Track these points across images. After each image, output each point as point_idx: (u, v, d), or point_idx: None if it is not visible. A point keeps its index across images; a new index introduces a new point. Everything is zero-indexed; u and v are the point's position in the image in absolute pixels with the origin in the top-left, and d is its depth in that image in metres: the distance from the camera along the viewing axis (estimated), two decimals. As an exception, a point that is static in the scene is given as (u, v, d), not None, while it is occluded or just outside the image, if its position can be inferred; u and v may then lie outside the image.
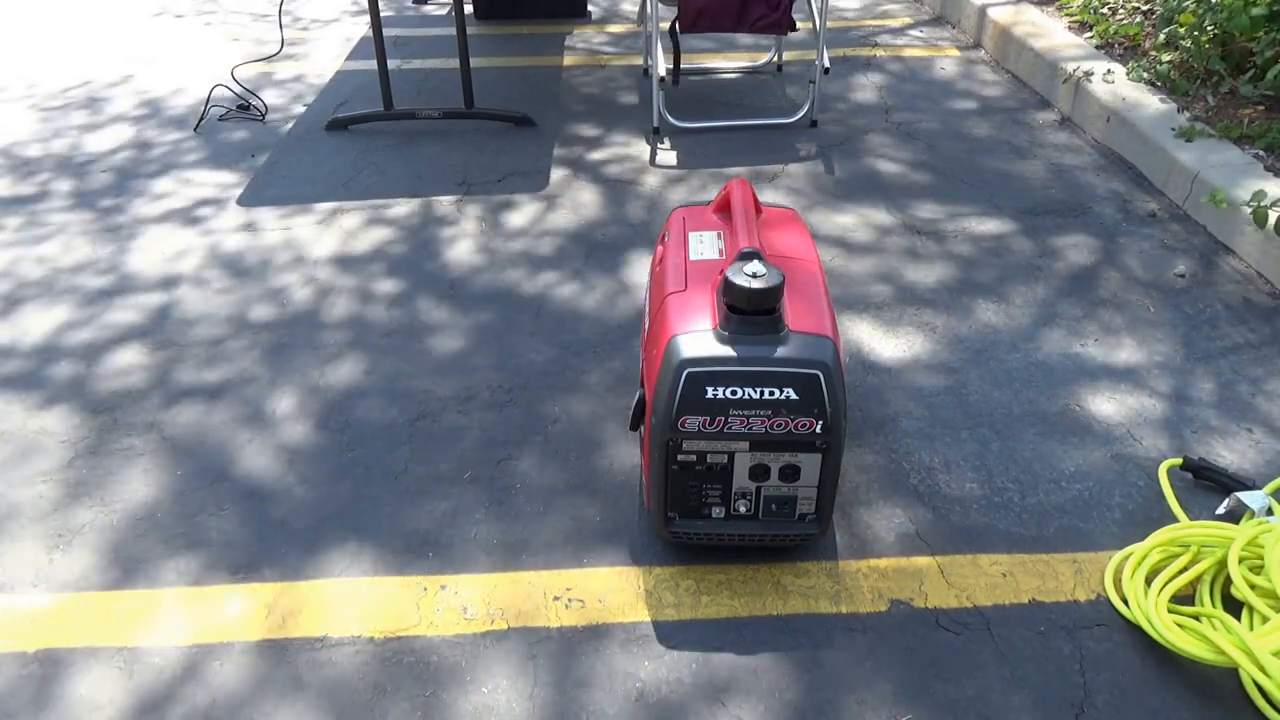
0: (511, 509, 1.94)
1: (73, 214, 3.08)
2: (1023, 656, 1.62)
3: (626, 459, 2.06)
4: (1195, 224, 2.89)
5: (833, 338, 1.64)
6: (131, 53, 4.52)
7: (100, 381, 2.32)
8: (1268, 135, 3.00)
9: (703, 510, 1.73)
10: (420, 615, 1.71)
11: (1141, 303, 2.55)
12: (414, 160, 3.41)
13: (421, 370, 2.34)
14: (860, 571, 1.79)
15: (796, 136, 3.54)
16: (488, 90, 3.99)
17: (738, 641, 1.66)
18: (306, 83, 4.12)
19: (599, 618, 1.71)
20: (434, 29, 4.75)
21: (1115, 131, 3.35)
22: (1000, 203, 3.06)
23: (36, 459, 2.08)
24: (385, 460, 2.07)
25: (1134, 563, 1.73)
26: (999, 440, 2.09)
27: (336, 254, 2.83)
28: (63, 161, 3.45)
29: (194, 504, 1.96)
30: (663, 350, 1.64)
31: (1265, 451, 2.04)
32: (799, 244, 1.92)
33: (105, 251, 2.86)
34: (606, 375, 2.31)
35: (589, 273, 2.73)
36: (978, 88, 3.96)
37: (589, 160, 3.40)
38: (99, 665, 1.63)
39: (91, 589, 1.78)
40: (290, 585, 1.78)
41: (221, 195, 3.20)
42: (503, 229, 2.96)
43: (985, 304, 2.55)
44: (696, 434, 1.63)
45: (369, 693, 1.58)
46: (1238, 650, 1.52)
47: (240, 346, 2.43)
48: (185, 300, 2.63)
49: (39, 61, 4.44)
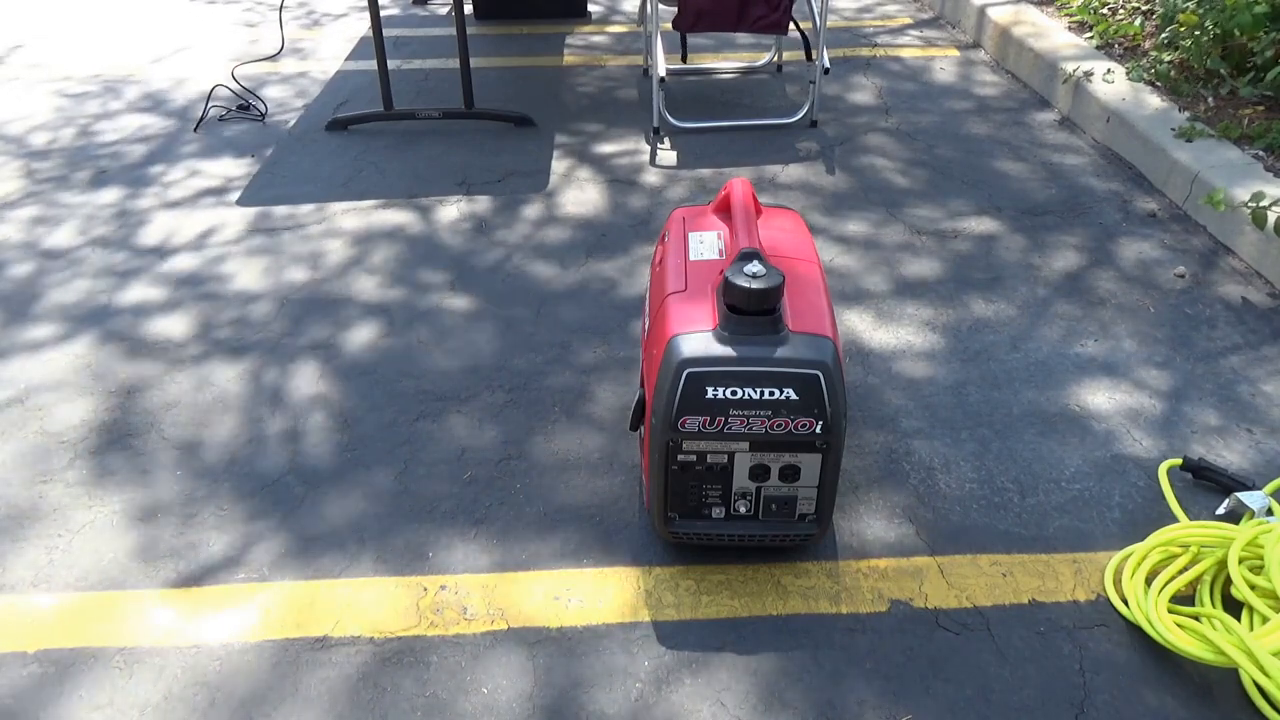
0: (512, 509, 1.94)
1: (71, 215, 3.08)
2: (1023, 656, 1.63)
3: (627, 459, 2.06)
4: (1195, 224, 2.89)
5: (833, 338, 1.64)
6: (131, 53, 4.52)
7: (100, 381, 2.32)
8: (1268, 135, 3.00)
9: (703, 510, 1.73)
10: (420, 615, 1.71)
11: (1141, 303, 2.55)
12: (414, 160, 3.41)
13: (422, 369, 2.34)
14: (860, 571, 1.79)
15: (796, 136, 3.54)
16: (487, 90, 3.99)
17: (738, 641, 1.66)
18: (306, 82, 4.12)
19: (599, 618, 1.71)
20: (434, 29, 4.75)
21: (1115, 131, 3.35)
22: (1000, 203, 3.06)
23: (37, 458, 2.08)
24: (385, 460, 2.07)
25: (1134, 563, 1.73)
26: (999, 440, 2.09)
27: (336, 254, 2.83)
28: (61, 163, 3.44)
29: (194, 504, 1.96)
30: (663, 350, 1.64)
31: (1265, 451, 2.04)
32: (799, 244, 1.92)
33: (100, 252, 2.86)
34: (606, 375, 2.31)
35: (589, 272, 2.73)
36: (977, 88, 3.96)
37: (589, 160, 3.40)
38: (99, 665, 1.63)
39: (92, 589, 1.78)
40: (290, 585, 1.78)
41: (221, 195, 3.20)
42: (503, 229, 2.96)
43: (985, 304, 2.55)
44: (696, 434, 1.63)
45: (369, 693, 1.58)
46: (1238, 650, 1.52)
47: (239, 347, 2.43)
48: (182, 301, 2.63)
49: (39, 63, 4.44)
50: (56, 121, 3.77)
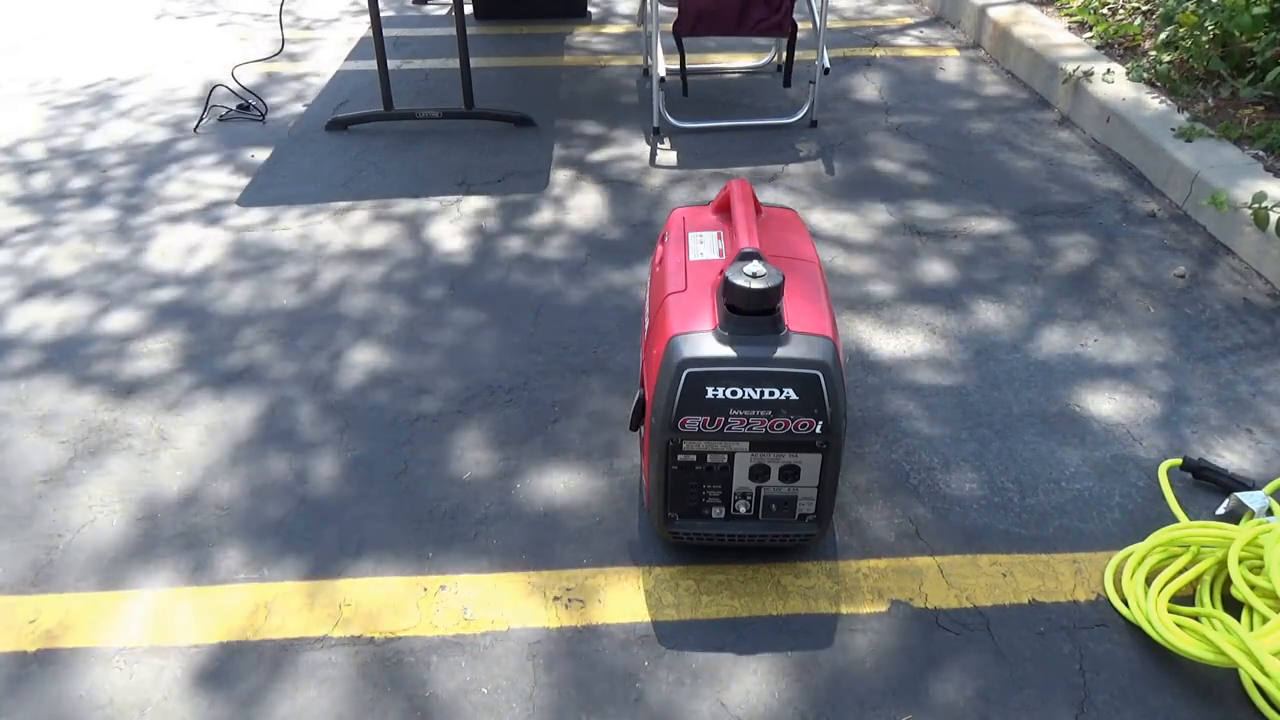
0: (511, 508, 1.94)
1: (71, 215, 3.08)
2: (1023, 656, 1.63)
3: (626, 459, 2.06)
4: (1195, 224, 2.89)
5: (832, 338, 1.64)
6: (131, 53, 4.52)
7: (99, 381, 2.32)
8: (1268, 136, 3.00)
9: (703, 510, 1.73)
10: (420, 615, 1.71)
11: (1141, 303, 2.55)
12: (414, 160, 3.41)
13: (422, 370, 2.34)
14: (860, 571, 1.79)
15: (796, 136, 3.54)
16: (487, 90, 3.99)
17: (738, 641, 1.66)
18: (306, 83, 4.12)
19: (599, 618, 1.71)
20: (434, 29, 4.75)
21: (1115, 131, 3.35)
22: (1000, 203, 3.06)
23: (37, 458, 2.08)
24: (385, 460, 2.07)
25: (1134, 563, 1.73)
26: (999, 440, 2.09)
27: (336, 255, 2.83)
28: (62, 162, 3.44)
29: (194, 504, 1.96)
30: (663, 350, 1.64)
31: (1265, 451, 2.04)
32: (799, 244, 1.92)
33: (100, 252, 2.86)
34: (607, 375, 2.31)
35: (589, 272, 2.73)
36: (977, 88, 3.96)
37: (589, 160, 3.40)
38: (99, 665, 1.63)
39: (91, 589, 1.78)
40: (290, 585, 1.78)
41: (221, 196, 3.20)
42: (503, 229, 2.96)
43: (985, 304, 2.55)
44: (696, 434, 1.63)
45: (369, 693, 1.58)
46: (1238, 650, 1.52)
47: (239, 348, 2.43)
48: (183, 302, 2.63)
49: (40, 64, 4.44)
50: (57, 121, 3.77)
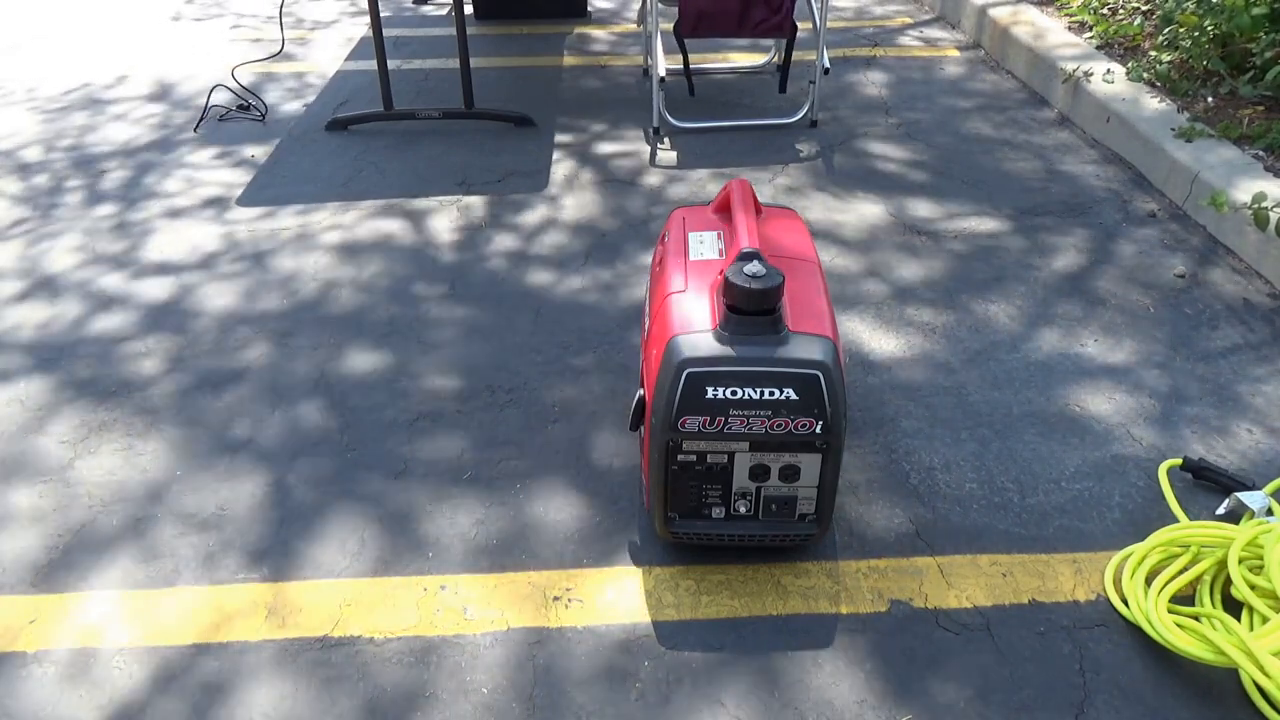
0: (511, 509, 1.94)
1: (73, 214, 3.08)
2: (1023, 656, 1.63)
3: (626, 459, 2.06)
4: (1194, 224, 2.89)
5: (832, 338, 1.64)
6: (131, 54, 4.52)
7: (99, 381, 2.32)
8: (1267, 135, 3.00)
9: (703, 510, 1.73)
10: (420, 615, 1.71)
11: (1141, 303, 2.55)
12: (414, 160, 3.41)
13: (421, 370, 2.34)
14: (860, 571, 1.79)
15: (796, 136, 3.54)
16: (487, 90, 3.99)
17: (738, 641, 1.66)
18: (306, 83, 4.12)
19: (599, 618, 1.71)
20: (434, 29, 4.75)
21: (1115, 131, 3.35)
22: (999, 202, 3.06)
23: (37, 458, 2.08)
24: (385, 460, 2.07)
25: (1134, 563, 1.73)
26: (999, 440, 2.09)
27: (336, 254, 2.83)
28: (63, 162, 3.44)
29: (193, 504, 1.96)
30: (663, 350, 1.64)
31: (1265, 451, 2.04)
32: (799, 244, 1.92)
33: (103, 251, 2.86)
34: (607, 375, 2.31)
35: (589, 272, 2.73)
36: (977, 87, 3.96)
37: (589, 160, 3.40)
38: (98, 665, 1.63)
39: (91, 589, 1.78)
40: (290, 585, 1.78)
41: (221, 195, 3.20)
42: (502, 229, 2.96)
43: (984, 304, 2.55)
44: (696, 434, 1.63)
45: (369, 693, 1.58)
46: (1238, 650, 1.52)
47: (239, 347, 2.43)
48: (183, 301, 2.63)
49: (40, 64, 4.44)
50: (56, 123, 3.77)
